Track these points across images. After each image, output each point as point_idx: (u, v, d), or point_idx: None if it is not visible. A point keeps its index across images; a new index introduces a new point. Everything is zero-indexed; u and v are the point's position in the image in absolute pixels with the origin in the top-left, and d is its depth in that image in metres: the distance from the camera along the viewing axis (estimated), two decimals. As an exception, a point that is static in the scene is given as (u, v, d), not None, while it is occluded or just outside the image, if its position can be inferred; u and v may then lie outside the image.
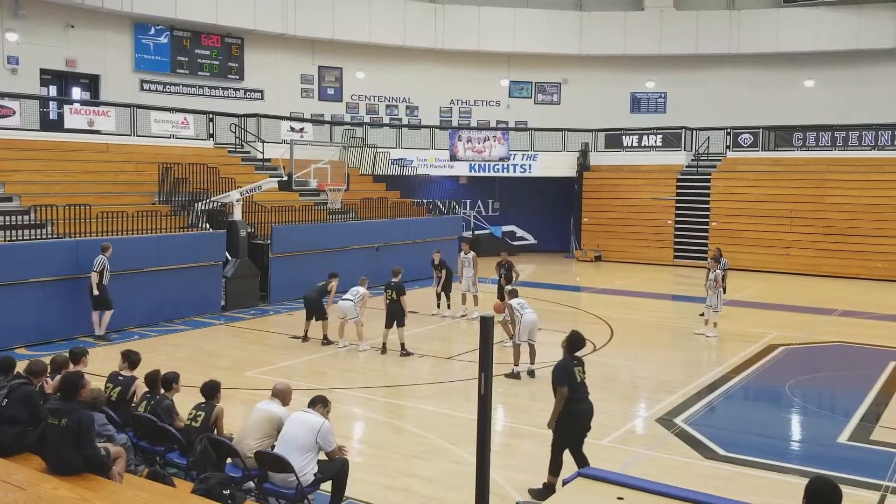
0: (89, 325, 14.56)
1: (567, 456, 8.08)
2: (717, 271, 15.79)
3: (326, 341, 14.55)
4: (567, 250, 30.85)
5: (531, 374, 12.45)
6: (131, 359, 8.47)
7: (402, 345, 13.85)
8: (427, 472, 8.54)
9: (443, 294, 17.58)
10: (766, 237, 26.25)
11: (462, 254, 17.68)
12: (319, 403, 7.25)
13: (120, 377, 8.31)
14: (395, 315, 13.87)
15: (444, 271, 17.35)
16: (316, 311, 14.74)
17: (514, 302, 12.94)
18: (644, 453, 9.24)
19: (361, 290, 14.39)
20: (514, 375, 12.32)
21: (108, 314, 14.48)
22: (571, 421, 7.83)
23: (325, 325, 14.66)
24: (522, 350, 12.57)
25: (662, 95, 33.11)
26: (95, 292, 14.20)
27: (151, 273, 16.06)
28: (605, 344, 15.00)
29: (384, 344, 14.02)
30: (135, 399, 8.13)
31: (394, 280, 14.04)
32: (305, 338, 14.80)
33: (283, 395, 7.60)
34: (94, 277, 14.14)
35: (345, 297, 14.32)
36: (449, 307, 17.57)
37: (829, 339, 16.05)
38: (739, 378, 12.77)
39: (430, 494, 7.93)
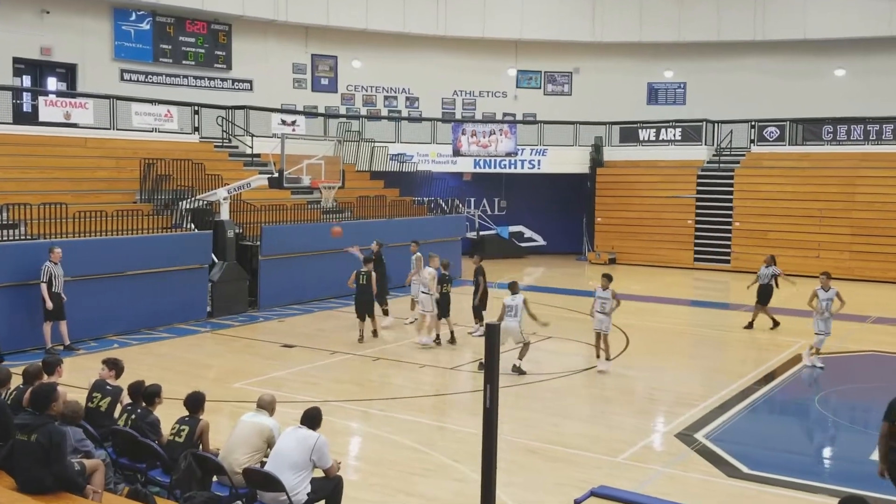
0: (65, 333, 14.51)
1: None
2: (833, 288, 14.01)
3: (375, 336, 15.77)
4: (579, 252, 30.83)
5: (481, 366, 12.69)
6: (119, 367, 8.49)
7: (452, 332, 15.51)
8: (428, 490, 8.53)
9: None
10: (794, 238, 26.20)
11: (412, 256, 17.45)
12: (311, 417, 7.23)
13: (108, 387, 8.32)
14: (448, 305, 15.38)
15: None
16: (367, 309, 15.49)
17: (506, 300, 13.32)
18: (662, 471, 9.22)
19: (432, 269, 15.43)
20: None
21: (62, 324, 14.26)
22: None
23: (374, 321, 15.81)
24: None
25: (682, 86, 33.10)
26: (49, 305, 13.83)
27: (132, 277, 16.04)
28: (620, 353, 14.97)
29: (451, 332, 15.43)
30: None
31: (446, 272, 15.58)
32: (361, 338, 15.55)
33: (270, 407, 7.63)
34: (44, 288, 13.88)
35: (422, 290, 15.38)
36: (386, 313, 17.42)
37: (862, 347, 16.01)
38: (765, 390, 12.75)
39: (432, 515, 7.92)
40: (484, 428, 6.04)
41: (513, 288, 13.53)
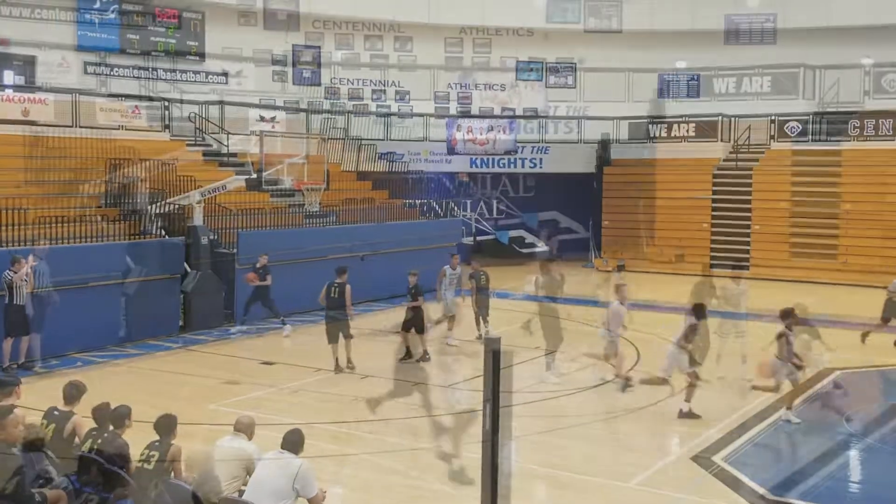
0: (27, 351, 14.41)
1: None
2: None
3: (351, 366, 14.52)
4: (585, 259, 30.86)
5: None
6: (65, 391, 8.41)
7: (425, 350, 15.42)
8: (422, 521, 8.51)
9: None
10: (818, 242, 26.27)
11: (448, 268, 17.12)
12: (292, 441, 7.20)
13: (56, 412, 8.28)
14: (423, 321, 15.31)
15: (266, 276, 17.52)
16: (341, 329, 14.59)
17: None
18: (678, 497, 9.22)
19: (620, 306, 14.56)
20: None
21: (25, 340, 14.21)
22: None
23: (349, 345, 14.65)
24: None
25: (695, 77, 33.18)
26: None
27: (97, 288, 15.98)
28: (631, 368, 14.96)
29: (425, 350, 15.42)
30: (78, 437, 8.09)
31: (417, 285, 15.44)
32: (337, 367, 14.54)
33: (248, 430, 7.63)
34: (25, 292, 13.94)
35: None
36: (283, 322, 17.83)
37: (894, 361, 16.02)
38: (789, 408, 12.75)
39: (427, 547, 7.90)
40: (483, 451, 6.02)
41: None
